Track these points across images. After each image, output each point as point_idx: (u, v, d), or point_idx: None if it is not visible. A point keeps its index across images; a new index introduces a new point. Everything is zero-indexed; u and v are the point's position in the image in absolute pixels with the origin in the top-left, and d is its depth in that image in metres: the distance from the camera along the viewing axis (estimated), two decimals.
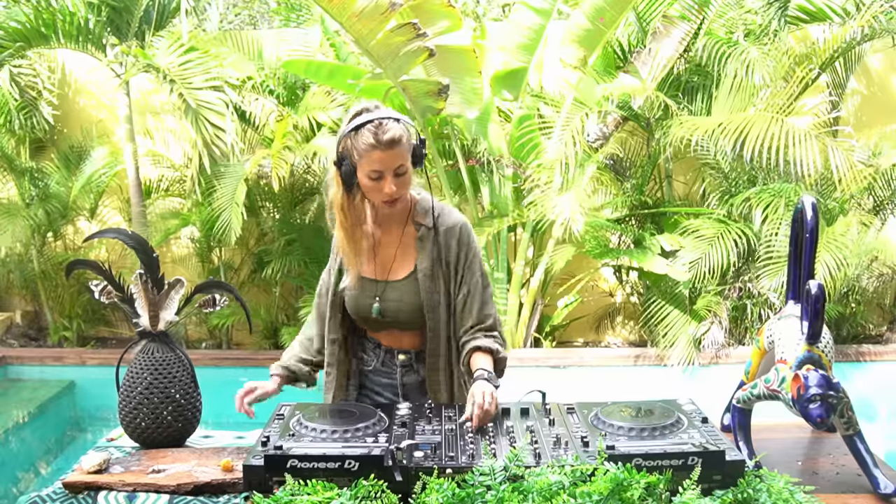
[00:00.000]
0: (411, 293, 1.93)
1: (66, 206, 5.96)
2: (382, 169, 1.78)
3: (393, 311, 1.94)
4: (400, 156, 1.78)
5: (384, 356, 2.02)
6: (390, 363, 2.02)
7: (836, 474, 1.71)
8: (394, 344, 2.01)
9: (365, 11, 4.05)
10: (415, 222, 1.95)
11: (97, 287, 1.83)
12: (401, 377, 2.01)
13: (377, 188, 1.80)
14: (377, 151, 1.76)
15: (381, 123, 1.76)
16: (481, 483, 1.37)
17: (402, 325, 1.96)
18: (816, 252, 2.18)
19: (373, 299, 1.94)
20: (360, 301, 1.96)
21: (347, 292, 1.98)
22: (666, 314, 5.30)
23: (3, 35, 5.05)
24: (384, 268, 1.96)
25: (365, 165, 1.78)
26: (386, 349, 2.01)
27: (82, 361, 5.76)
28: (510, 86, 5.07)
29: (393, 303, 1.94)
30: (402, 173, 1.80)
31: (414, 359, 2.00)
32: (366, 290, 1.95)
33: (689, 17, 5.15)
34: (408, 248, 1.95)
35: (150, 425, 1.78)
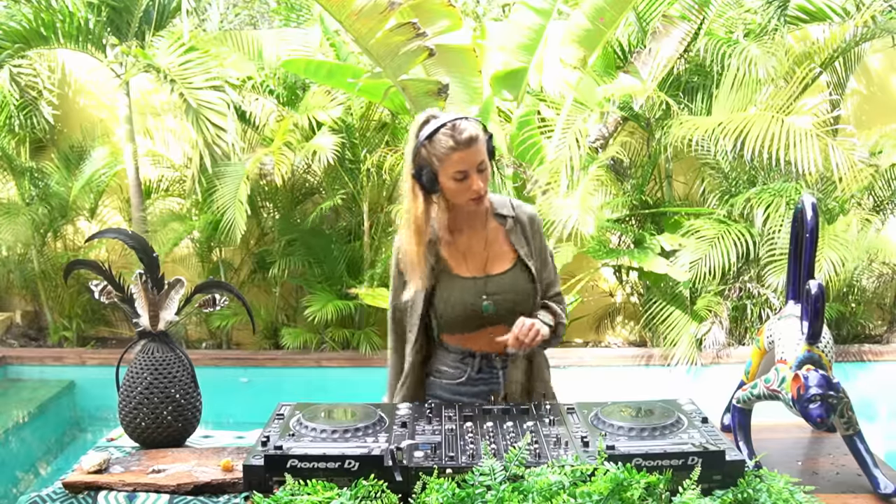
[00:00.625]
0: (519, 282, 1.95)
1: (66, 206, 5.96)
2: (467, 168, 1.81)
3: (504, 304, 1.93)
4: (479, 152, 1.82)
5: (480, 363, 1.98)
6: (488, 369, 1.99)
7: (836, 474, 1.71)
8: (492, 347, 1.96)
9: (364, 10, 4.05)
10: (496, 216, 1.98)
11: (97, 287, 1.83)
12: (504, 378, 1.99)
13: (464, 188, 1.83)
14: (458, 152, 1.79)
15: (456, 125, 1.80)
16: (481, 483, 1.37)
17: (510, 318, 1.92)
18: (817, 251, 2.18)
19: (479, 298, 1.92)
20: (465, 302, 1.92)
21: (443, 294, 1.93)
22: (666, 314, 5.31)
23: (3, 35, 5.05)
24: (479, 266, 1.95)
25: (448, 168, 1.81)
26: (482, 355, 1.98)
27: (82, 361, 5.76)
28: (510, 86, 5.07)
29: (501, 295, 1.93)
30: (483, 169, 1.84)
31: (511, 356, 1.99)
32: (466, 291, 1.93)
33: (689, 17, 5.16)
34: (498, 242, 1.97)
35: (150, 425, 1.78)
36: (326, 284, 5.73)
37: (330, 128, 5.39)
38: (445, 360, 2.01)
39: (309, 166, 5.90)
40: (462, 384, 2.00)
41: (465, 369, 1.99)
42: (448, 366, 2.01)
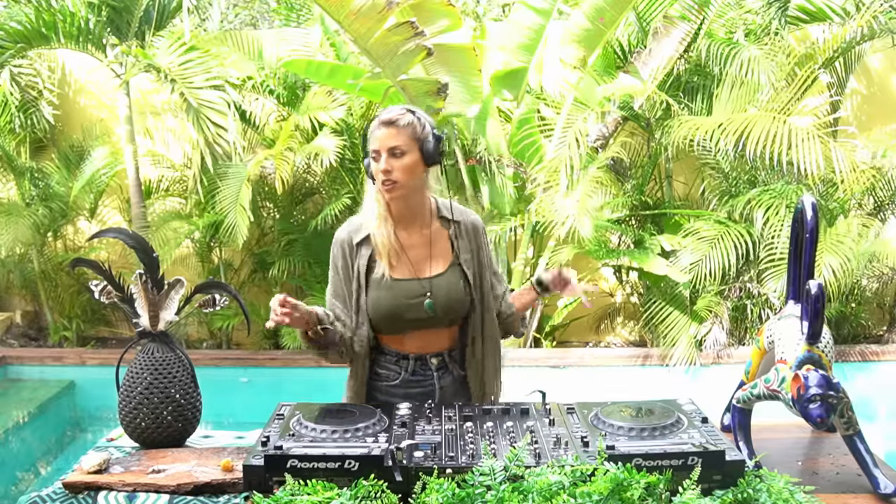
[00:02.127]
0: (456, 283, 1.96)
1: (66, 206, 5.96)
2: (379, 148, 1.86)
3: (443, 305, 1.94)
4: (395, 137, 1.85)
5: (414, 365, 1.99)
6: (423, 370, 2.00)
7: (836, 474, 1.71)
8: (425, 349, 1.99)
9: (362, 10, 4.05)
10: (441, 219, 2.00)
11: (97, 287, 1.83)
12: (438, 381, 2.00)
13: (376, 170, 1.88)
14: (377, 131, 1.87)
15: (390, 109, 1.88)
16: (481, 483, 1.37)
17: (447, 319, 1.96)
18: (816, 252, 2.18)
19: (422, 297, 1.93)
20: (401, 301, 1.93)
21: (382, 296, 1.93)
22: (666, 315, 5.31)
23: (4, 36, 5.05)
24: (420, 266, 1.96)
25: (369, 145, 1.90)
26: (416, 357, 1.99)
27: (82, 361, 5.76)
28: (510, 85, 5.08)
29: (442, 296, 1.94)
30: (397, 155, 1.85)
31: (447, 359, 2.01)
32: (407, 290, 1.93)
33: (689, 18, 5.15)
34: (439, 245, 1.99)
35: (150, 425, 1.78)
36: (327, 285, 5.72)
37: (331, 128, 5.39)
38: (381, 361, 2.02)
39: (309, 166, 5.91)
40: (396, 386, 2.00)
41: (399, 371, 2.00)
42: (383, 367, 2.01)
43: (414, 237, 1.97)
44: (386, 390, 2.01)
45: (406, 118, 1.87)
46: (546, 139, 5.07)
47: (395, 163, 1.85)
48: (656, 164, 5.65)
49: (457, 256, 1.98)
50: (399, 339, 2.00)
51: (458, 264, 1.98)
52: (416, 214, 1.97)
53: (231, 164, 5.31)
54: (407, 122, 1.86)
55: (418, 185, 1.92)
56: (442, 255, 1.98)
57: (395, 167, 1.85)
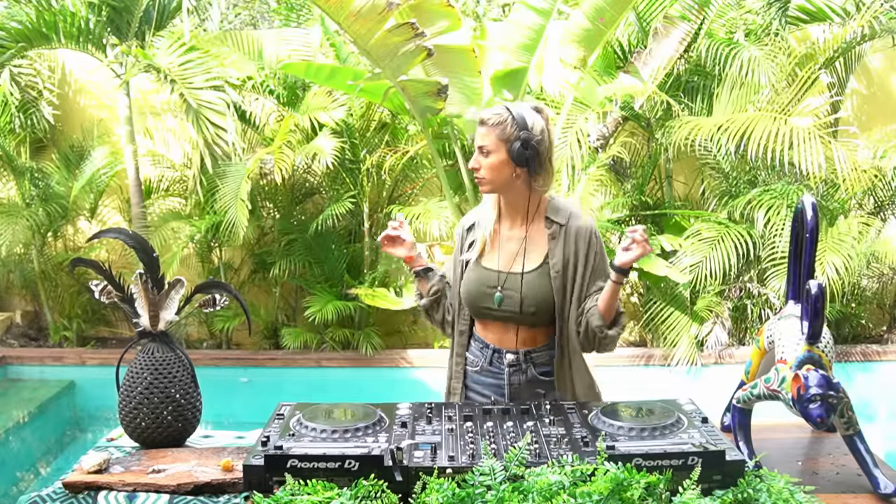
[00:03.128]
0: (536, 286, 1.98)
1: (66, 206, 5.96)
2: (474, 144, 1.96)
3: (512, 302, 1.98)
4: (485, 136, 1.92)
5: (492, 356, 2.04)
6: (498, 363, 2.04)
7: (836, 474, 1.71)
8: (502, 343, 2.03)
9: (362, 11, 4.05)
10: (546, 219, 2.02)
11: (97, 287, 1.83)
12: (508, 377, 2.02)
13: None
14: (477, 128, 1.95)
15: (486, 110, 1.95)
16: (481, 483, 1.37)
17: (518, 318, 1.99)
18: (818, 252, 2.18)
19: (493, 289, 1.99)
20: (480, 289, 2.00)
21: (466, 279, 2.04)
22: (667, 315, 5.31)
23: (5, 35, 5.06)
24: (508, 259, 2.01)
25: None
26: (494, 349, 2.04)
27: (82, 361, 5.76)
28: (510, 86, 5.07)
29: (514, 293, 1.97)
30: (485, 153, 1.92)
31: (522, 359, 2.02)
32: (486, 279, 2.00)
33: (689, 18, 5.15)
34: (535, 244, 2.01)
35: (150, 425, 1.78)
36: (326, 285, 5.73)
37: (330, 129, 5.39)
38: (472, 347, 2.11)
39: (309, 167, 5.91)
40: (477, 373, 2.08)
41: (481, 358, 2.07)
42: (471, 353, 2.10)
43: (514, 232, 2.03)
44: (470, 375, 2.10)
45: (496, 118, 1.91)
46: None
47: (483, 161, 1.93)
48: (656, 164, 5.65)
49: (547, 259, 2.00)
50: (483, 327, 2.07)
51: (548, 266, 1.99)
52: (517, 211, 2.02)
53: (230, 164, 5.31)
54: (495, 123, 1.91)
55: (508, 183, 1.95)
56: (535, 253, 2.02)
57: (482, 165, 1.93)
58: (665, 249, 5.26)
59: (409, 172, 5.86)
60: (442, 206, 5.31)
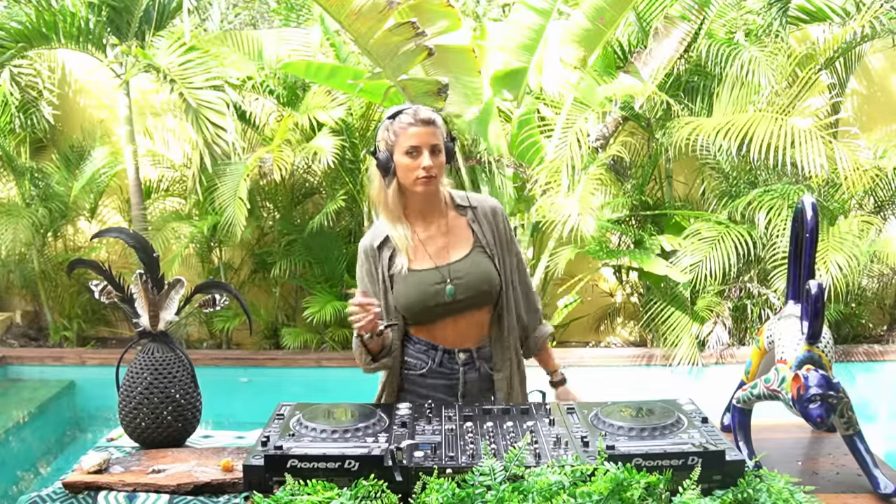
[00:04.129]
0: (480, 265, 1.99)
1: (66, 206, 5.96)
2: (419, 144, 1.90)
3: (464, 288, 1.97)
4: (435, 135, 1.92)
5: (442, 357, 2.02)
6: (449, 363, 2.02)
7: (836, 474, 1.71)
8: (455, 342, 2.02)
9: (363, 10, 4.05)
10: (457, 207, 2.06)
11: (97, 287, 1.83)
12: (463, 376, 2.02)
13: (414, 166, 1.91)
14: (414, 127, 1.91)
15: (418, 108, 1.95)
16: (481, 483, 1.37)
17: (473, 304, 1.99)
18: (817, 252, 2.18)
19: (442, 284, 1.97)
20: (426, 290, 1.97)
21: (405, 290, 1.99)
22: (667, 315, 5.31)
23: (5, 36, 5.06)
24: (439, 254, 2.01)
25: (403, 142, 1.91)
26: (445, 349, 2.02)
27: (82, 361, 5.76)
28: (510, 86, 5.08)
29: (463, 279, 1.97)
30: (436, 152, 1.93)
31: (475, 356, 2.03)
32: (427, 279, 1.98)
33: (690, 18, 5.15)
34: (458, 233, 2.03)
35: (150, 425, 1.78)
36: (326, 285, 5.73)
37: (330, 128, 5.39)
38: (410, 351, 2.06)
39: (309, 166, 5.91)
40: (423, 376, 2.04)
41: (427, 361, 2.03)
42: (412, 357, 2.05)
43: (431, 229, 2.03)
44: (413, 379, 2.05)
45: (439, 118, 1.96)
46: (546, 139, 5.07)
47: (434, 159, 1.93)
48: (656, 164, 5.65)
49: (477, 240, 2.02)
50: (430, 330, 2.03)
51: (481, 247, 2.02)
52: (434, 208, 2.03)
53: (230, 163, 5.31)
54: (440, 123, 1.96)
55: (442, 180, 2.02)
56: (462, 241, 2.03)
57: (435, 164, 1.93)
58: (665, 249, 5.26)
59: None
60: None
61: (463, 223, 2.05)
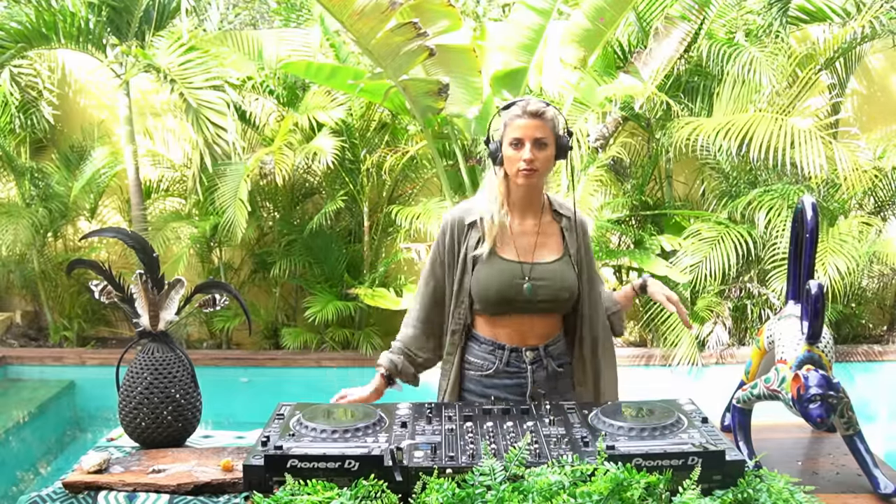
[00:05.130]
0: (565, 274, 1.99)
1: (66, 207, 5.96)
2: (523, 136, 1.91)
3: (545, 291, 1.97)
4: (541, 128, 1.91)
5: (509, 356, 2.01)
6: (517, 362, 2.01)
7: (836, 474, 1.71)
8: (522, 341, 2.01)
9: (365, 10, 4.05)
10: (554, 212, 2.06)
11: (97, 287, 1.83)
12: (532, 375, 2.01)
13: (516, 158, 1.92)
14: (521, 119, 1.91)
15: (530, 100, 1.94)
16: (481, 483, 1.37)
17: (546, 308, 1.99)
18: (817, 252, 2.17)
19: (522, 279, 1.97)
20: (507, 281, 1.96)
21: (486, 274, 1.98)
22: (667, 315, 5.30)
23: (5, 36, 5.06)
24: (526, 251, 2.00)
25: (509, 133, 1.93)
26: (511, 349, 2.01)
27: (82, 361, 5.76)
28: (510, 86, 5.07)
29: (545, 282, 1.97)
30: (541, 146, 1.92)
31: (542, 354, 2.02)
32: (510, 270, 1.97)
33: (690, 18, 5.15)
34: (550, 237, 2.03)
35: (150, 425, 1.78)
36: (326, 285, 5.73)
37: (330, 128, 5.39)
38: (475, 350, 2.04)
39: (309, 166, 5.91)
40: (489, 376, 2.02)
41: (493, 361, 2.01)
42: (477, 357, 2.04)
43: (526, 226, 2.03)
44: (478, 380, 2.03)
45: (550, 111, 1.94)
46: None
47: (539, 153, 1.92)
48: (656, 164, 5.64)
49: (567, 249, 2.03)
50: (495, 325, 2.02)
51: (569, 256, 2.02)
52: (533, 204, 2.03)
53: (230, 163, 5.31)
54: (551, 116, 1.94)
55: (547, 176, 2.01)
56: (551, 246, 2.03)
57: (538, 157, 1.92)
58: (665, 249, 5.25)
59: (409, 172, 5.86)
60: (442, 206, 5.32)
61: (556, 229, 2.04)
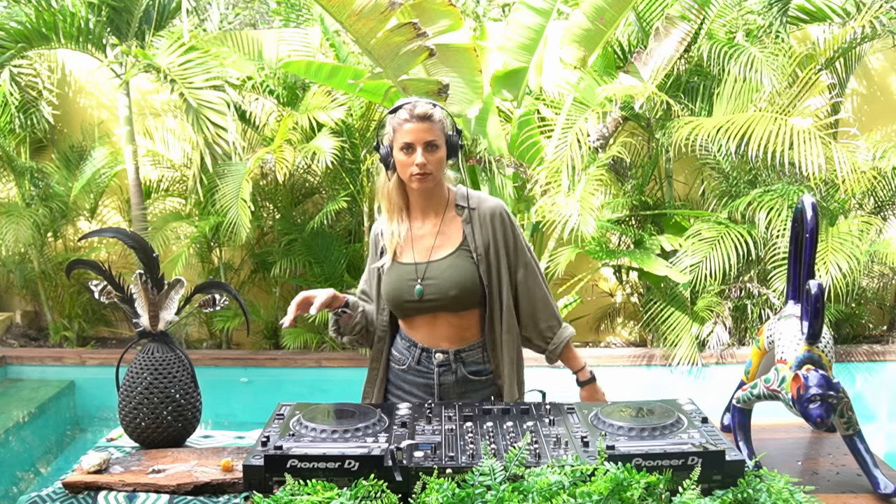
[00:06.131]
0: (457, 267, 1.97)
1: (66, 206, 5.96)
2: (413, 141, 1.89)
3: (434, 290, 1.97)
4: (431, 131, 1.90)
5: (420, 355, 2.03)
6: (426, 363, 2.03)
7: (836, 474, 1.71)
8: (431, 342, 2.02)
9: (365, 10, 4.05)
10: (457, 207, 2.04)
11: (97, 287, 1.83)
12: (438, 377, 2.02)
13: (408, 162, 1.91)
14: (409, 124, 1.90)
15: (416, 103, 1.93)
16: (481, 483, 1.37)
17: (442, 305, 1.97)
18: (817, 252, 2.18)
19: (413, 281, 1.98)
20: (400, 285, 1.99)
21: (386, 281, 2.03)
22: (667, 315, 5.31)
23: (4, 36, 5.06)
24: (424, 252, 2.01)
25: (399, 139, 1.92)
26: (422, 348, 2.03)
27: (82, 361, 5.76)
28: (510, 86, 5.08)
29: (434, 282, 1.97)
30: (432, 149, 1.91)
31: (452, 358, 2.02)
32: (405, 274, 2.00)
33: (690, 18, 5.16)
34: (450, 232, 2.02)
35: (150, 425, 1.78)
36: (326, 285, 5.73)
37: (330, 129, 5.39)
38: (398, 344, 2.10)
39: (309, 166, 5.91)
40: (404, 371, 2.06)
41: (407, 357, 2.06)
42: (398, 350, 2.09)
43: (427, 226, 2.03)
44: (396, 373, 2.09)
45: (437, 113, 1.93)
46: (546, 139, 5.07)
47: (430, 156, 1.91)
48: (656, 164, 5.64)
49: (465, 242, 2.00)
50: (409, 325, 2.06)
51: (467, 249, 1.99)
52: (432, 204, 2.03)
53: (231, 163, 5.31)
54: (439, 118, 1.93)
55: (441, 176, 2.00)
56: (449, 242, 2.01)
57: (430, 160, 1.91)
58: (665, 249, 5.25)
59: None
60: None
61: (457, 223, 2.03)
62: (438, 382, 2.02)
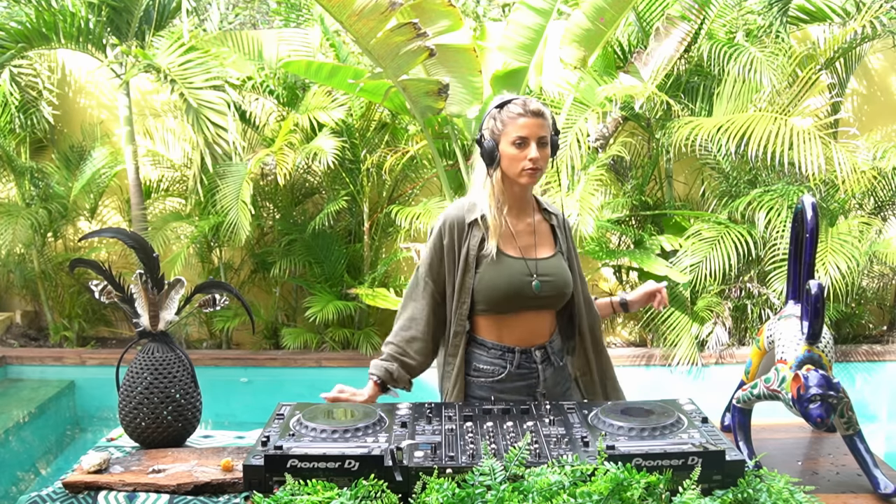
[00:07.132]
0: (563, 269, 2.01)
1: (66, 207, 5.96)
2: (528, 135, 1.88)
3: (550, 287, 1.97)
4: (544, 127, 1.91)
5: (520, 358, 1.99)
6: (528, 363, 2.00)
7: (836, 474, 1.71)
8: (529, 341, 2.00)
9: (365, 10, 4.05)
10: (543, 211, 2.07)
11: (97, 287, 1.83)
12: (542, 373, 2.00)
13: (521, 157, 1.90)
14: (524, 118, 1.88)
15: (528, 99, 1.93)
16: (481, 483, 1.37)
17: (550, 303, 2.00)
18: (817, 252, 2.18)
19: (528, 276, 1.96)
20: (515, 279, 1.95)
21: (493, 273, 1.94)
22: (667, 315, 5.31)
23: (5, 36, 5.06)
24: (527, 250, 2.00)
25: (511, 132, 1.89)
26: (521, 350, 1.98)
27: (82, 361, 5.76)
28: (510, 86, 5.07)
29: (550, 279, 1.98)
30: (543, 145, 1.91)
31: (549, 350, 2.03)
32: (517, 269, 1.96)
33: (690, 18, 5.16)
34: (543, 235, 2.05)
35: (150, 425, 1.78)
36: (327, 285, 5.73)
37: (330, 129, 5.39)
38: (482, 357, 2.00)
39: (309, 166, 5.91)
40: (501, 381, 1.98)
41: (504, 366, 1.98)
42: (485, 363, 1.99)
43: (521, 224, 2.03)
44: (488, 386, 1.98)
45: (547, 111, 1.94)
46: None
47: (541, 152, 1.91)
48: (656, 164, 5.64)
49: (559, 246, 2.05)
50: (500, 328, 1.98)
51: (562, 253, 2.05)
52: (528, 203, 2.04)
53: (231, 164, 5.31)
54: (549, 116, 1.94)
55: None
56: (546, 243, 2.04)
57: (541, 156, 1.91)
58: (665, 249, 5.25)
59: (409, 172, 5.86)
60: (442, 205, 5.32)
61: (547, 227, 2.06)
62: (543, 378, 2.00)
